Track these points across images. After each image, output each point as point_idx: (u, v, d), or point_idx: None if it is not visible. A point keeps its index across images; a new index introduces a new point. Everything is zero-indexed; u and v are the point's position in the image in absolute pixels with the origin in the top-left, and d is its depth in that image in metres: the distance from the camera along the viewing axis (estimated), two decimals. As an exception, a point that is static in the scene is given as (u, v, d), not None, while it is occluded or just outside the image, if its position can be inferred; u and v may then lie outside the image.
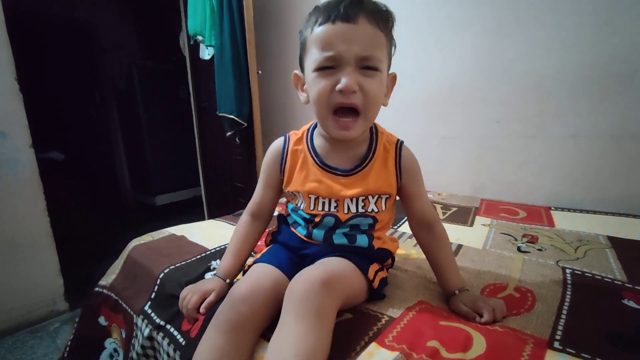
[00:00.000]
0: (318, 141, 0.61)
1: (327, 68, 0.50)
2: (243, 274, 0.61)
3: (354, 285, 0.54)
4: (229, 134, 1.71)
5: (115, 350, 0.79)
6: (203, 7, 1.68)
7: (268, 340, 0.49)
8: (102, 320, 0.84)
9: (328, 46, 0.49)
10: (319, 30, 0.50)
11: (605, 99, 1.08)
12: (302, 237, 0.63)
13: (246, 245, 0.65)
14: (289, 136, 0.63)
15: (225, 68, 1.64)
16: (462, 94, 1.36)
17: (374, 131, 0.61)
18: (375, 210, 0.60)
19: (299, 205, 0.62)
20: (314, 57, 0.51)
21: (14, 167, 1.26)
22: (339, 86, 0.49)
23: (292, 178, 0.61)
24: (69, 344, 0.89)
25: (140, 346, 0.64)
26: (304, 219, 0.62)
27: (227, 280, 0.61)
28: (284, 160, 0.62)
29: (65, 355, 0.87)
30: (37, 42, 2.49)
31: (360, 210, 0.59)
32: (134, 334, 0.69)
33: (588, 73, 1.09)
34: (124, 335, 0.75)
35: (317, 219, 0.60)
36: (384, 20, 0.51)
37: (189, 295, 0.58)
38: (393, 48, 0.56)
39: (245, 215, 0.67)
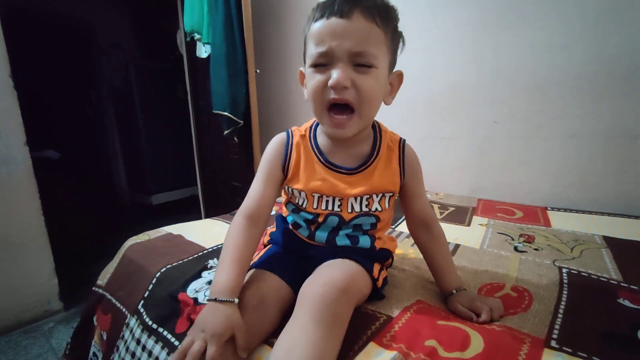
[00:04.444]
0: (321, 139, 0.59)
1: (321, 65, 0.50)
2: None
3: (363, 289, 0.54)
4: (226, 132, 1.70)
5: (94, 354, 0.77)
6: (200, 4, 1.67)
7: (266, 343, 0.49)
8: (94, 320, 0.83)
9: (321, 42, 0.49)
10: (314, 26, 0.50)
11: (603, 100, 1.09)
12: (304, 238, 0.62)
13: (247, 253, 0.54)
14: (292, 131, 0.61)
15: (219, 65, 1.62)
16: (460, 94, 1.36)
17: (378, 130, 0.61)
18: (379, 209, 0.59)
19: (300, 204, 0.60)
20: (309, 52, 0.51)
21: (8, 165, 1.24)
22: (330, 82, 0.49)
23: (296, 175, 0.58)
24: (69, 341, 0.89)
25: (125, 348, 0.63)
26: (305, 220, 0.61)
27: (236, 301, 0.48)
28: (288, 156, 0.59)
29: (67, 352, 0.88)
30: (33, 39, 2.46)
31: (364, 209, 0.58)
32: (121, 335, 0.67)
33: (586, 74, 1.10)
34: (104, 338, 0.74)
35: (320, 219, 0.59)
36: (382, 15, 0.49)
37: (200, 345, 0.42)
38: (401, 44, 0.56)
39: (240, 219, 0.56)
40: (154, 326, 0.61)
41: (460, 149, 1.40)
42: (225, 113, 1.63)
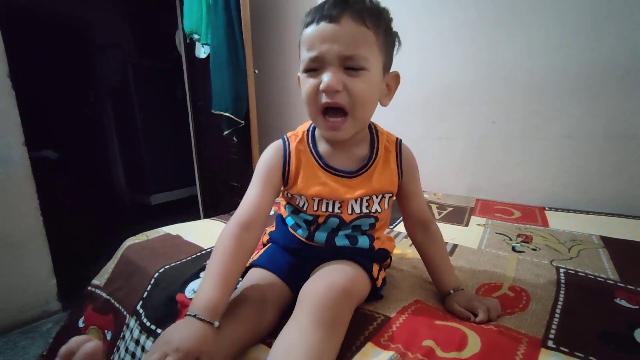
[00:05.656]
0: (320, 143, 0.59)
1: (312, 69, 0.51)
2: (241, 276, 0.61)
3: (363, 291, 0.54)
4: (226, 132, 1.70)
5: None
6: (199, 5, 1.68)
7: (264, 343, 0.49)
8: (80, 322, 0.82)
9: (311, 47, 0.49)
10: (306, 31, 0.51)
11: (599, 100, 1.09)
12: (303, 239, 0.62)
13: (237, 267, 0.49)
14: (287, 138, 0.60)
15: (221, 66, 1.63)
16: (457, 94, 1.37)
17: (375, 131, 0.61)
18: (379, 210, 0.60)
19: (301, 206, 0.60)
20: (302, 58, 0.52)
21: (6, 165, 1.24)
22: (321, 86, 0.49)
23: (296, 180, 0.57)
24: (50, 342, 0.88)
25: (125, 349, 0.63)
26: (305, 220, 0.61)
27: (216, 324, 0.43)
28: (287, 163, 0.57)
29: (45, 353, 0.86)
30: (32, 39, 2.46)
31: (364, 210, 0.59)
32: (122, 335, 0.67)
33: (583, 74, 1.10)
34: (109, 337, 0.73)
35: (320, 220, 0.59)
36: (373, 17, 0.50)
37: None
38: (397, 44, 0.56)
39: (234, 228, 0.51)
40: (152, 327, 0.61)
41: (458, 149, 1.41)
42: (226, 114, 1.63)
